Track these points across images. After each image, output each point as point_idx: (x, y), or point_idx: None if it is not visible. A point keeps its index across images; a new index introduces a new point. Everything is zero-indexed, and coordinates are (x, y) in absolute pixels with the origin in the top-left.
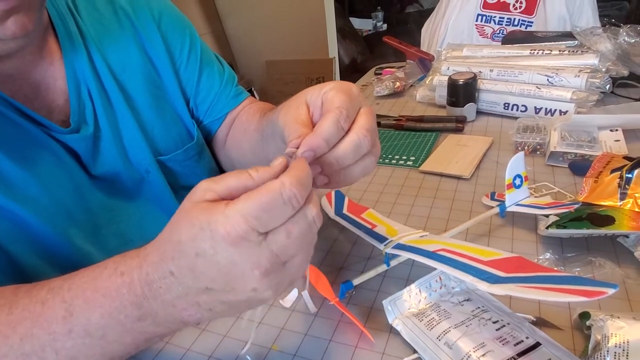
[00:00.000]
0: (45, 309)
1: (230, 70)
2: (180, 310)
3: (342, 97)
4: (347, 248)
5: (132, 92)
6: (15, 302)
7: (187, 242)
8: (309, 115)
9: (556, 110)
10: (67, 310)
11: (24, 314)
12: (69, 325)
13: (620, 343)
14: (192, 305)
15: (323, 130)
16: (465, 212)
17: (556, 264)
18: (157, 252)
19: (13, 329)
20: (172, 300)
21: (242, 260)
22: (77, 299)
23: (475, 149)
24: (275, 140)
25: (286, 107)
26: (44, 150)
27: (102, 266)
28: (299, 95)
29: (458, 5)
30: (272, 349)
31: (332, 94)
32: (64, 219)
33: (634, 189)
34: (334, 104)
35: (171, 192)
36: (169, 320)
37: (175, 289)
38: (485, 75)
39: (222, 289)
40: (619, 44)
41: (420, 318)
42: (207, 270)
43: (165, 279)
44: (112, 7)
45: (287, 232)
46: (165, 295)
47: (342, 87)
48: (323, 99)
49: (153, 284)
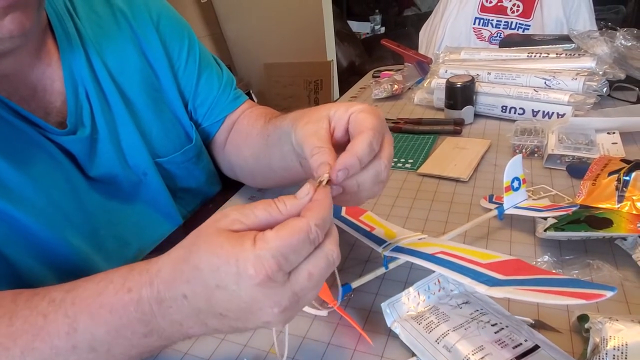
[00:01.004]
0: (47, 323)
1: (228, 73)
2: (187, 328)
3: (374, 120)
4: (345, 251)
5: (130, 94)
6: (15, 313)
7: (207, 271)
8: (330, 131)
9: (554, 113)
10: (71, 325)
11: (24, 327)
12: (73, 341)
13: (619, 346)
14: (199, 325)
15: (358, 150)
16: (464, 215)
17: (554, 267)
18: (171, 272)
19: (14, 342)
20: (181, 320)
21: (265, 299)
22: (81, 314)
23: (473, 152)
24: (281, 146)
25: (306, 117)
26: (41, 151)
27: (107, 280)
28: (320, 109)
29: (456, 8)
30: (270, 353)
31: (364, 116)
32: (61, 221)
33: (632, 192)
34: (367, 125)
35: (169, 194)
36: (175, 335)
37: (186, 310)
38: (483, 78)
39: (236, 318)
40: (616, 47)
41: (419, 321)
42: (225, 302)
43: (177, 300)
44: (110, 9)
45: (309, 273)
46: (174, 315)
47: (372, 110)
48: (352, 119)
49: (163, 302)
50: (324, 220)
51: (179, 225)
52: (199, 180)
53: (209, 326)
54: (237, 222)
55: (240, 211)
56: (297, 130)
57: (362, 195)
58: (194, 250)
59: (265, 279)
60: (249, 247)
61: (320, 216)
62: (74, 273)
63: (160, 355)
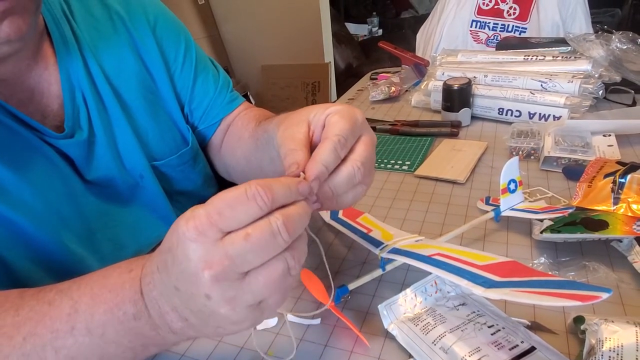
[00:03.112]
0: (52, 308)
1: (225, 76)
2: (164, 314)
3: (343, 124)
4: (342, 252)
5: (127, 97)
6: (21, 305)
7: (166, 238)
8: (309, 134)
9: (550, 116)
10: (73, 307)
11: (29, 315)
12: (72, 322)
13: (615, 347)
14: (171, 309)
15: (322, 158)
16: (460, 217)
17: (550, 269)
18: (157, 250)
19: (17, 330)
20: (157, 299)
21: (195, 256)
22: (84, 296)
23: (470, 154)
24: (269, 150)
25: (287, 121)
26: (38, 155)
27: (116, 265)
28: (302, 112)
29: (453, 11)
30: (267, 355)
31: (335, 120)
32: (58, 224)
33: (627, 194)
34: (334, 131)
35: (165, 197)
36: (159, 324)
37: (158, 285)
38: (479, 80)
39: (185, 290)
40: (612, 50)
41: (416, 322)
42: (172, 265)
43: (153, 274)
44: (107, 12)
45: (246, 234)
46: (152, 292)
47: (346, 113)
48: (326, 122)
49: (145, 277)
50: (270, 185)
51: None
52: (196, 182)
53: (179, 313)
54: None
55: None
56: (278, 134)
57: (342, 199)
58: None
59: (193, 232)
60: (191, 209)
61: (266, 181)
62: (70, 275)
63: (157, 358)
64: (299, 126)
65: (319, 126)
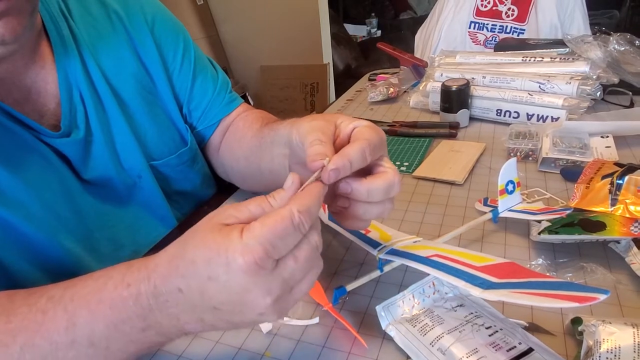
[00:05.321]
0: (46, 319)
1: (224, 76)
2: (184, 324)
3: (372, 133)
4: (340, 253)
5: (125, 96)
6: (12, 311)
7: (200, 264)
8: (335, 135)
9: (548, 117)
10: (70, 320)
11: (24, 323)
12: (72, 336)
13: (612, 348)
14: (196, 321)
15: (349, 153)
16: (459, 218)
17: (548, 270)
18: (168, 266)
19: (13, 338)
20: (178, 314)
21: (255, 287)
22: (80, 310)
23: (468, 155)
24: (272, 149)
25: (311, 117)
26: (34, 154)
27: (106, 276)
28: (327, 115)
29: (451, 12)
30: (265, 356)
31: (365, 129)
32: (55, 224)
33: (625, 195)
34: (364, 136)
35: (163, 197)
36: (171, 331)
37: (182, 304)
38: (478, 81)
39: (230, 310)
40: (609, 52)
41: (414, 324)
42: (218, 294)
43: (173, 294)
44: (105, 11)
45: (295, 257)
46: (171, 309)
47: (374, 127)
48: (355, 131)
49: (160, 297)
50: (308, 208)
51: (173, 228)
52: (194, 183)
53: (206, 322)
54: (231, 217)
55: (235, 207)
56: (303, 125)
57: (371, 210)
58: (189, 245)
59: (253, 267)
60: (236, 238)
61: (303, 203)
62: (68, 276)
63: (155, 358)
64: (328, 124)
65: (345, 133)
